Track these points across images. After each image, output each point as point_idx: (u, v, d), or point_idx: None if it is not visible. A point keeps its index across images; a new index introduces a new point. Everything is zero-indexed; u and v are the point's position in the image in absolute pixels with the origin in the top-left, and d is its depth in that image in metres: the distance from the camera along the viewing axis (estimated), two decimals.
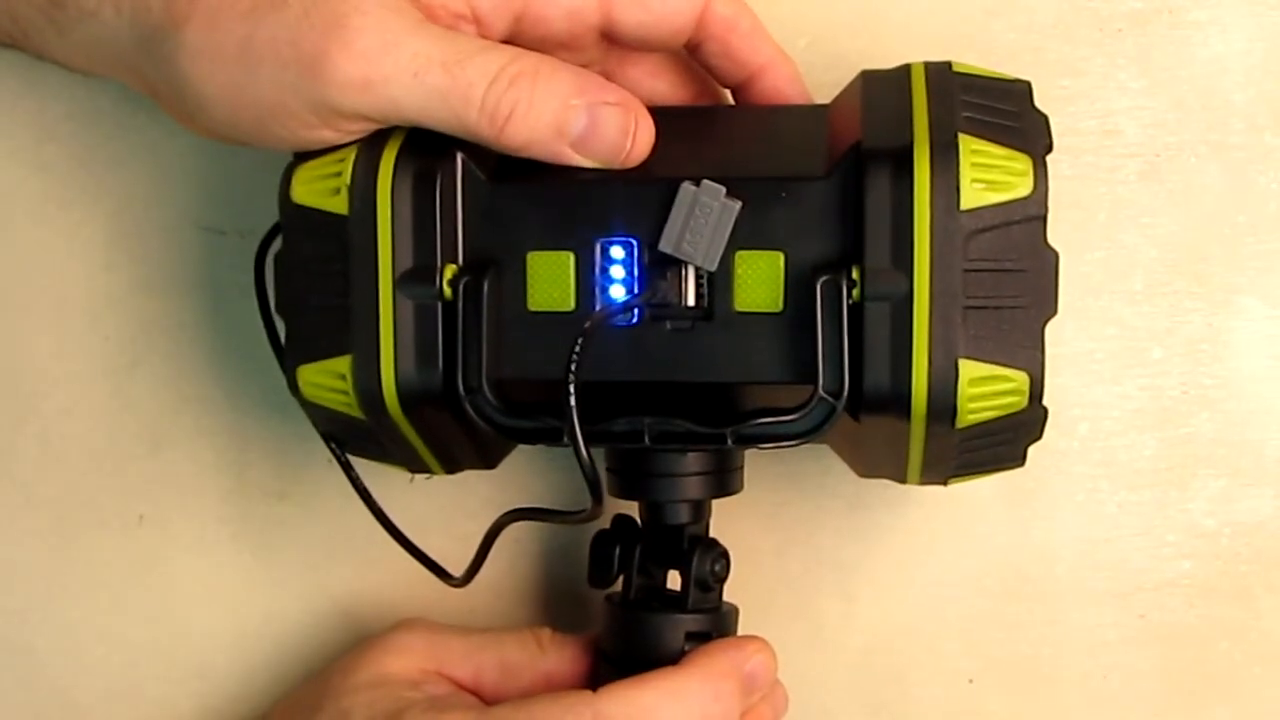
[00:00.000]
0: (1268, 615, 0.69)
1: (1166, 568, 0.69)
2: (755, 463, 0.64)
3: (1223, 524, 0.69)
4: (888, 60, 0.59)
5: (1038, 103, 0.56)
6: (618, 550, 0.62)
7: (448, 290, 0.55)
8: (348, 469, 0.62)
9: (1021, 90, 0.56)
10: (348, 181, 0.55)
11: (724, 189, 0.53)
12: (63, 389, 0.72)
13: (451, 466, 0.62)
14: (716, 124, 0.62)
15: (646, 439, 0.56)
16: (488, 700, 0.64)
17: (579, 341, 0.53)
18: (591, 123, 0.55)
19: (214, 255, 0.71)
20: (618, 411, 0.55)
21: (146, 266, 0.71)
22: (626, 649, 0.61)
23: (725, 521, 0.63)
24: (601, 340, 0.54)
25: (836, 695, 0.70)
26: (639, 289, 0.55)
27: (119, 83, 0.62)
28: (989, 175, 0.52)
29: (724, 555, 0.61)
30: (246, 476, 0.72)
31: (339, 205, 0.55)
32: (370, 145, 0.56)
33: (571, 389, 0.53)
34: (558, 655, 0.64)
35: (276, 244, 0.58)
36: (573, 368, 0.53)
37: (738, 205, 0.53)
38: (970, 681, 0.70)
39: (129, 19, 0.58)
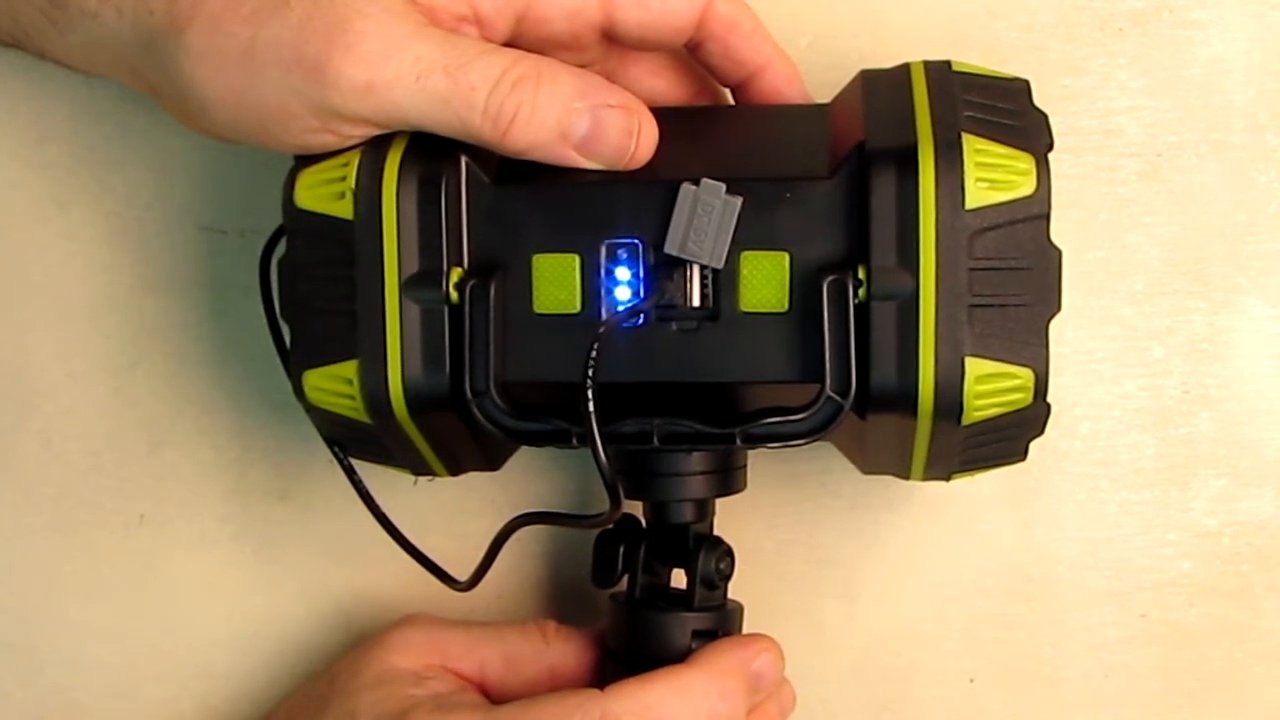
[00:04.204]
0: (1268, 615, 0.69)
1: (1167, 567, 0.69)
2: (757, 462, 0.64)
3: (1224, 524, 0.69)
4: (889, 60, 0.59)
5: (1038, 102, 0.56)
6: (622, 549, 0.62)
7: (454, 294, 0.55)
8: (351, 474, 0.62)
9: (1021, 89, 0.56)
10: (352, 186, 0.55)
11: (724, 186, 0.54)
12: (63, 388, 0.72)
13: (456, 469, 0.62)
14: (718, 124, 0.62)
15: (655, 440, 0.56)
16: (492, 693, 0.64)
17: (594, 347, 0.53)
18: (595, 125, 0.55)
19: (214, 255, 0.71)
20: (624, 413, 0.55)
21: (146, 266, 0.71)
22: (633, 647, 0.61)
23: (727, 521, 0.63)
24: (607, 342, 0.54)
25: (838, 694, 0.70)
26: (645, 291, 0.55)
27: (120, 82, 0.62)
28: (993, 174, 0.53)
29: (729, 553, 0.62)
30: (247, 476, 0.72)
31: (344, 210, 0.55)
32: (374, 149, 0.56)
33: (590, 394, 0.53)
34: (563, 648, 0.64)
35: (281, 247, 0.58)
36: (590, 373, 0.53)
37: (739, 201, 0.54)
38: (971, 681, 0.70)
39: (131, 21, 0.58)
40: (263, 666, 0.72)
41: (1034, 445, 0.57)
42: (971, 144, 0.53)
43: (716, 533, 0.63)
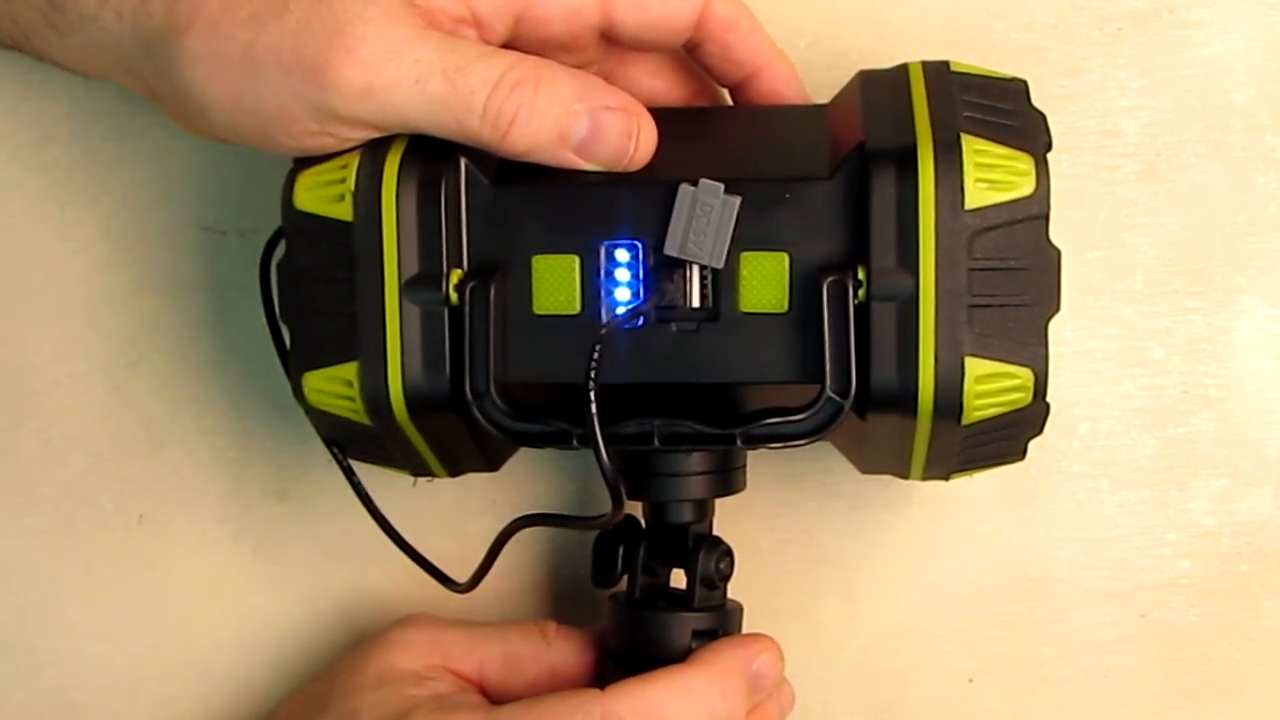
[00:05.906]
0: (1268, 615, 0.69)
1: (1167, 567, 0.69)
2: (756, 462, 0.64)
3: (1223, 524, 0.69)
4: (888, 60, 0.59)
5: (1038, 102, 0.56)
6: (621, 550, 0.62)
7: (454, 295, 0.55)
8: (350, 475, 0.62)
9: (1019, 89, 0.56)
10: (352, 188, 0.55)
11: (722, 186, 0.53)
12: (63, 389, 0.72)
13: (455, 469, 0.62)
14: (717, 125, 0.62)
15: (656, 441, 0.56)
16: (492, 694, 0.64)
17: (596, 349, 0.53)
18: (594, 127, 0.55)
19: (214, 255, 0.71)
20: (624, 413, 0.55)
21: (146, 266, 0.71)
22: (633, 647, 0.61)
23: (726, 521, 0.63)
24: (607, 343, 0.54)
25: (837, 694, 0.70)
26: (645, 292, 0.55)
27: (119, 84, 0.62)
28: (992, 175, 0.53)
29: (729, 553, 0.62)
30: (247, 476, 0.72)
31: (343, 211, 0.55)
32: (374, 151, 0.56)
33: (592, 396, 0.53)
34: (563, 648, 0.64)
35: (280, 248, 0.58)
36: (593, 375, 0.53)
37: (738, 201, 0.54)
38: (970, 681, 0.70)
39: (130, 24, 0.58)
40: (263, 666, 0.72)
41: (1033, 445, 0.57)
42: (970, 144, 0.53)
43: (716, 533, 0.63)
